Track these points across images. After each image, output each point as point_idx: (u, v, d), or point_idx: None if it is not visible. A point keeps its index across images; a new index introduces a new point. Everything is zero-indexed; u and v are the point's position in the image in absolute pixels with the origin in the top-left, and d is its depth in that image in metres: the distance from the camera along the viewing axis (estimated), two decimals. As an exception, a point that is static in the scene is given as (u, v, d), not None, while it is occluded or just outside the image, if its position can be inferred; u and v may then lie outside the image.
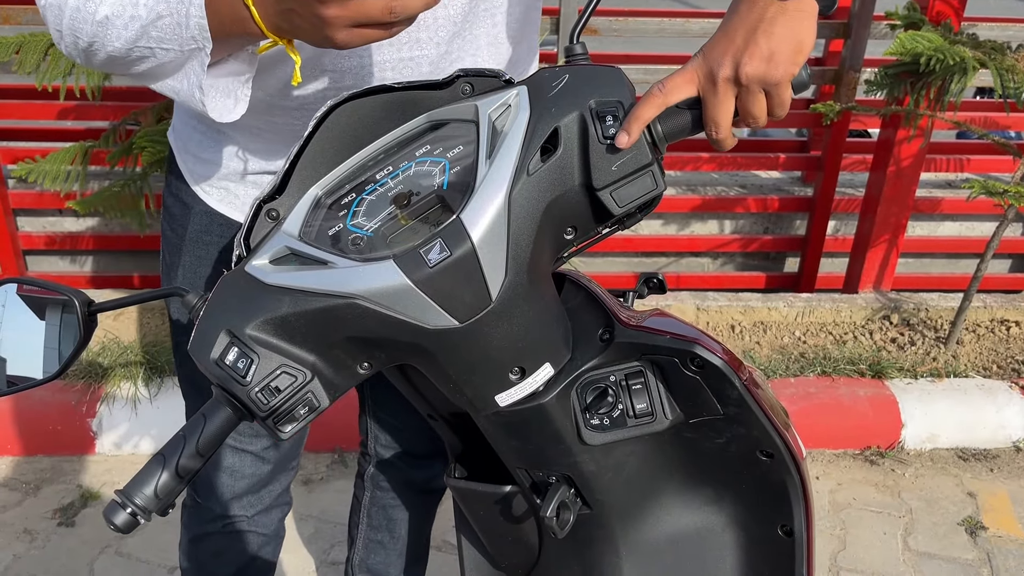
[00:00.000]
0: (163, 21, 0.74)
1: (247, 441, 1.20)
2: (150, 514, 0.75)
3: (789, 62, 0.70)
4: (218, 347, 0.75)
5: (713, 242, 3.07)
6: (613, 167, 0.77)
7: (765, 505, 0.96)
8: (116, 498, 0.74)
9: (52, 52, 1.85)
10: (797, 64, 0.71)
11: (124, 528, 0.73)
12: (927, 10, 2.35)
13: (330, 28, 0.68)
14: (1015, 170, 2.35)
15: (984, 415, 2.28)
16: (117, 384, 2.17)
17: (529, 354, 0.81)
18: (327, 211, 0.80)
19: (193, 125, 1.03)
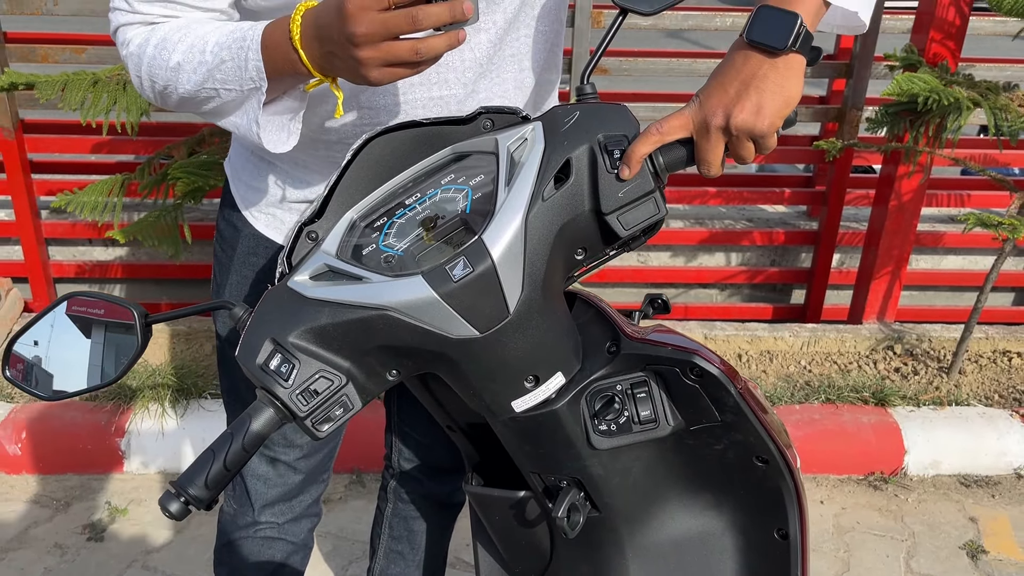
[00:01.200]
0: (226, 65, 0.84)
1: (281, 451, 1.28)
2: (200, 503, 0.82)
3: (776, 115, 0.79)
4: (263, 353, 0.84)
5: (721, 274, 3.15)
6: (619, 194, 0.85)
7: (762, 510, 1.03)
8: (170, 488, 0.81)
9: (95, 90, 1.96)
10: (783, 116, 0.80)
11: (178, 515, 0.81)
12: (924, 52, 2.45)
13: (365, 68, 0.78)
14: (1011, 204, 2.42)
15: (985, 442, 2.34)
16: (145, 406, 2.26)
17: (543, 363, 0.89)
18: (361, 233, 0.89)
19: (246, 156, 1.13)
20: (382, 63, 0.78)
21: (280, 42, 0.83)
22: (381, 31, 0.75)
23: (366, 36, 0.75)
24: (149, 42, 0.92)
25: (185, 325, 2.65)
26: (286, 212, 1.13)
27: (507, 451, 1.00)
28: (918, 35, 2.52)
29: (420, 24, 0.75)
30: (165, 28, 0.92)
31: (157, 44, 0.91)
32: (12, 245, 3.04)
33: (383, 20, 0.74)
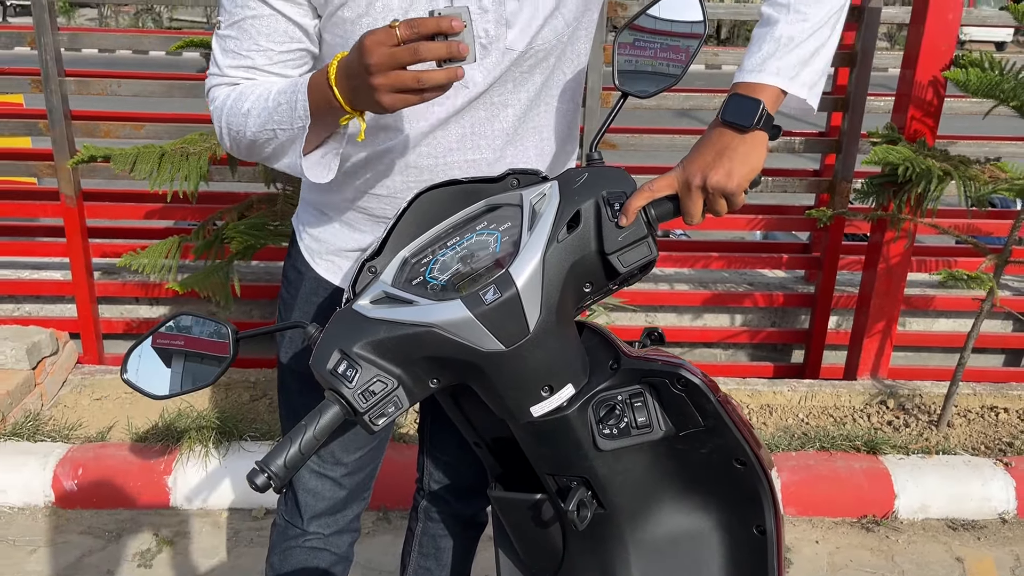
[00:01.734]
0: (282, 108, 1.08)
1: (329, 468, 1.48)
2: (279, 480, 1.02)
3: (743, 179, 1.02)
4: (332, 360, 1.05)
5: (724, 333, 3.35)
6: (619, 238, 1.07)
7: (742, 508, 1.21)
8: (256, 466, 1.02)
9: (161, 161, 2.22)
10: (749, 180, 1.03)
11: (262, 488, 1.00)
12: (904, 129, 2.70)
13: (378, 93, 0.97)
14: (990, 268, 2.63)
15: (971, 488, 2.49)
16: (191, 446, 2.46)
17: (556, 376, 1.09)
18: (412, 267, 1.11)
19: (312, 213, 1.36)
20: (391, 89, 0.97)
21: (320, 84, 1.04)
22: (390, 61, 0.95)
23: (378, 66, 0.95)
24: (230, 97, 1.15)
25: (225, 377, 2.86)
26: (342, 259, 1.36)
27: (526, 454, 1.20)
28: (898, 114, 2.77)
29: (421, 56, 0.94)
30: (243, 86, 1.16)
31: (235, 98, 1.15)
32: (66, 303, 3.29)
33: (391, 53, 0.95)
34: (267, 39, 1.13)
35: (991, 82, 2.31)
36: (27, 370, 2.66)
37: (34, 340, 2.69)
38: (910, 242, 2.85)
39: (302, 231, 1.39)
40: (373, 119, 1.18)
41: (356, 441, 1.46)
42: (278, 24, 1.13)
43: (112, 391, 2.84)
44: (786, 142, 3.05)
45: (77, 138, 2.92)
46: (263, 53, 1.13)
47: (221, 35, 1.17)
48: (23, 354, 2.64)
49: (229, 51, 1.16)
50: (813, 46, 1.06)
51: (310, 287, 1.38)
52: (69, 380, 2.87)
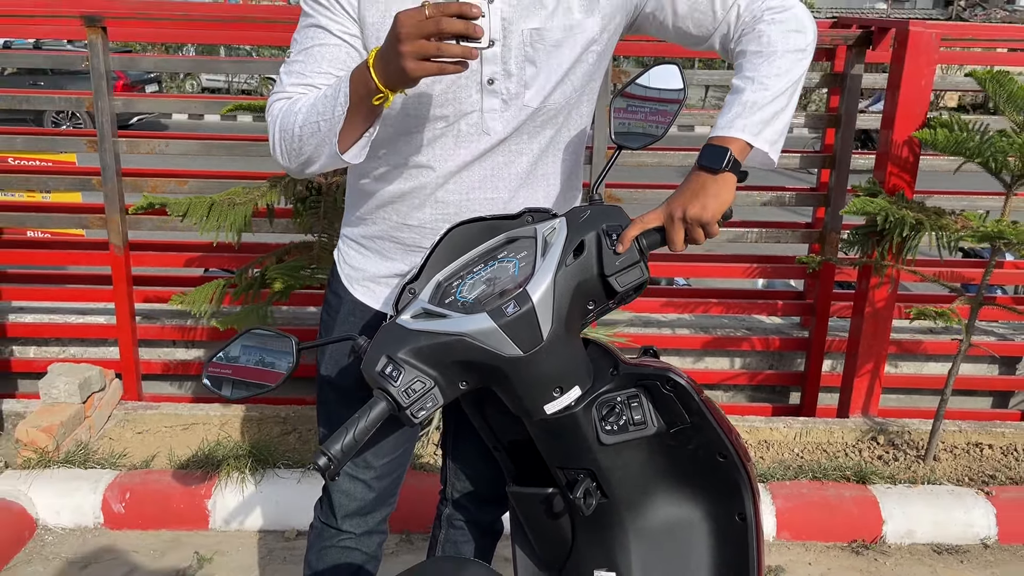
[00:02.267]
0: (326, 99, 1.27)
1: (360, 472, 1.68)
2: (337, 463, 1.24)
3: (715, 211, 1.26)
4: (380, 364, 1.27)
5: (724, 376, 3.55)
6: (616, 263, 1.31)
7: (726, 498, 1.42)
8: (320, 450, 1.23)
9: (211, 210, 2.48)
10: (720, 211, 1.27)
11: (324, 468, 1.22)
12: (885, 184, 2.94)
13: (404, 59, 1.15)
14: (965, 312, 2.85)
15: (955, 515, 2.67)
16: (228, 473, 2.67)
17: (565, 378, 1.31)
18: (445, 288, 1.34)
19: (352, 245, 1.59)
20: (416, 55, 1.15)
21: (360, 70, 1.24)
22: (416, 31, 1.14)
23: (407, 34, 1.14)
24: (285, 105, 1.36)
25: (257, 411, 3.08)
26: (377, 285, 1.59)
27: (539, 449, 1.41)
28: (879, 171, 3.02)
29: (442, 28, 1.11)
30: (298, 97, 1.36)
31: (290, 104, 1.35)
32: (109, 346, 3.53)
33: (419, 23, 1.14)
34: (329, 64, 1.37)
35: (957, 141, 2.55)
36: (78, 404, 2.88)
37: (85, 376, 2.92)
38: (894, 288, 3.08)
39: (342, 261, 1.62)
40: (408, 159, 1.42)
41: (385, 448, 1.67)
42: (340, 52, 1.37)
43: (153, 426, 3.05)
44: (778, 197, 3.30)
45: (126, 193, 3.20)
46: (324, 75, 1.36)
47: (290, 61, 1.40)
48: (75, 389, 2.86)
49: (294, 72, 1.38)
50: (773, 110, 1.31)
51: (348, 309, 1.61)
52: (114, 415, 3.09)
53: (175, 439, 2.97)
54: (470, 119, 1.40)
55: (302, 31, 1.40)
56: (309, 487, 2.64)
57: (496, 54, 1.37)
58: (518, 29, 1.37)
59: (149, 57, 4.86)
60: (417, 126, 1.40)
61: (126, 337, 3.35)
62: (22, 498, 2.60)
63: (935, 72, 2.87)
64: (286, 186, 2.60)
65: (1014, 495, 2.76)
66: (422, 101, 1.38)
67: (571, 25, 1.39)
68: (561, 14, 1.38)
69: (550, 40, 1.38)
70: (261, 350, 1.41)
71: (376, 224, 1.53)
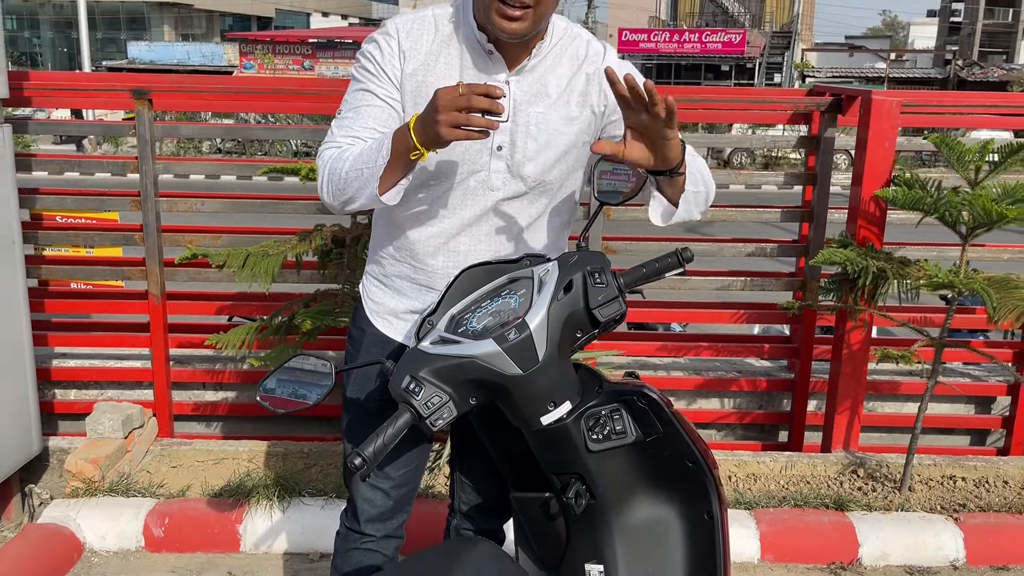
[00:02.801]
0: (370, 151, 1.57)
1: (380, 481, 1.94)
2: (369, 463, 1.50)
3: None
4: (404, 382, 1.55)
5: (716, 415, 3.80)
6: (599, 297, 1.59)
7: (695, 498, 1.67)
8: (356, 451, 1.50)
9: (248, 260, 2.78)
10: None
11: (358, 467, 1.48)
12: (855, 236, 3.23)
13: (439, 126, 1.45)
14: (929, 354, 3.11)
15: (926, 539, 2.89)
16: (258, 500, 2.92)
17: (558, 394, 1.59)
18: (458, 320, 1.63)
19: (375, 283, 1.88)
20: (449, 124, 1.46)
21: (401, 131, 1.54)
22: (451, 104, 1.45)
23: (443, 106, 1.45)
24: (335, 152, 1.66)
25: (282, 447, 3.34)
26: (395, 319, 1.87)
27: (536, 456, 1.67)
28: (851, 224, 3.31)
29: (471, 104, 1.40)
30: (347, 147, 1.65)
31: (340, 151, 1.65)
32: (144, 388, 3.80)
33: (454, 98, 1.45)
34: (374, 121, 1.68)
35: (914, 198, 2.85)
36: (121, 439, 3.15)
37: (127, 414, 3.19)
38: (867, 331, 3.34)
39: (366, 297, 1.91)
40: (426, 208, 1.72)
41: (401, 462, 1.93)
42: (383, 113, 1.68)
43: (186, 460, 3.31)
44: (761, 248, 3.59)
45: (164, 246, 3.51)
46: (369, 130, 1.67)
47: (341, 116, 1.72)
48: (119, 425, 3.14)
49: (345, 127, 1.70)
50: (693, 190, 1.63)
51: (370, 341, 1.89)
52: (151, 450, 3.35)
53: (207, 472, 3.23)
54: (479, 176, 1.71)
55: (352, 93, 1.72)
56: (331, 513, 2.89)
57: (506, 127, 1.69)
58: (525, 110, 1.70)
59: (189, 125, 5.25)
60: (436, 178, 1.71)
61: (161, 380, 3.63)
62: (71, 523, 2.86)
63: (897, 135, 3.17)
64: (313, 239, 2.91)
65: (980, 521, 2.98)
66: (442, 157, 1.69)
67: (569, 116, 1.72)
68: (561, 105, 1.71)
69: (551, 124, 1.71)
70: (304, 372, 1.69)
71: (396, 265, 1.82)
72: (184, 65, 34.62)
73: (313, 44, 31.23)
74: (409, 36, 1.70)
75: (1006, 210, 2.57)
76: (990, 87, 30.48)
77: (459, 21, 1.71)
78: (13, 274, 2.90)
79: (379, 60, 1.69)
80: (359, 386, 1.91)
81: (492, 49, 1.67)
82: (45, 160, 3.76)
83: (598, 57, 1.77)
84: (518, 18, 1.59)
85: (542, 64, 1.72)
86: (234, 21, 50.78)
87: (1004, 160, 2.73)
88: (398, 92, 1.69)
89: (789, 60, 34.00)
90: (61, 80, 3.60)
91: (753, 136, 6.26)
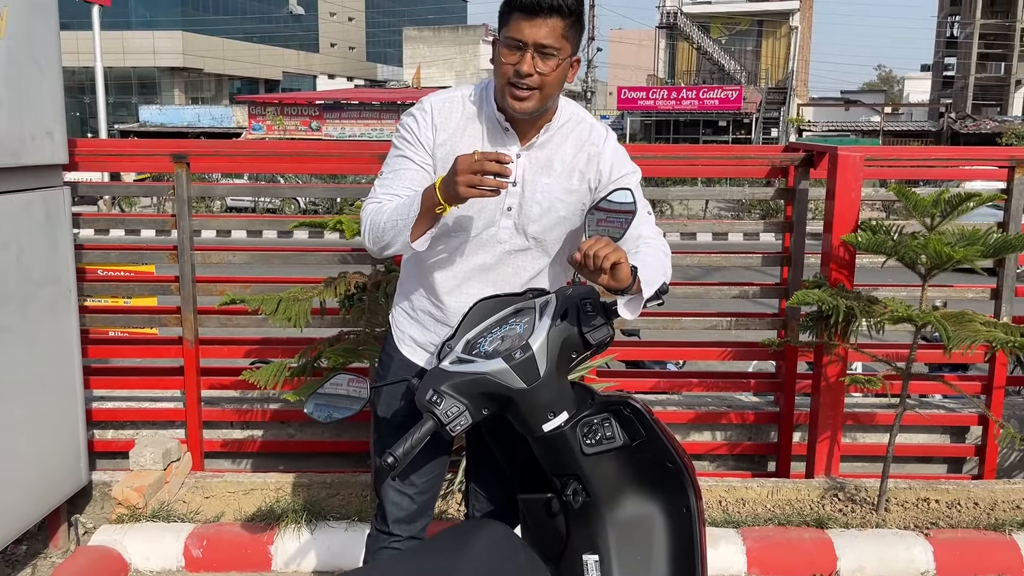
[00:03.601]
0: (404, 206, 1.92)
1: (406, 487, 2.23)
2: (399, 462, 1.81)
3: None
4: (428, 394, 1.86)
5: (708, 447, 4.08)
6: (591, 323, 1.91)
7: (675, 495, 1.97)
8: (388, 451, 1.81)
9: (280, 304, 3.11)
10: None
11: (391, 465, 1.79)
12: (828, 278, 3.56)
13: (459, 187, 1.81)
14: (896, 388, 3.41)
15: (898, 552, 3.15)
16: (287, 524, 3.20)
17: (557, 405, 1.90)
18: (472, 344, 1.95)
19: (402, 314, 2.21)
20: (466, 184, 1.81)
21: (429, 190, 1.89)
22: (468, 168, 1.79)
23: (462, 169, 1.79)
24: (376, 207, 2.01)
25: (306, 479, 3.63)
26: (420, 348, 2.20)
27: (539, 459, 1.97)
28: (824, 267, 3.64)
29: (485, 168, 1.75)
30: (386, 203, 2.00)
31: (379, 207, 1.99)
32: (176, 428, 4.10)
33: (470, 163, 1.80)
34: (410, 181, 2.03)
35: (877, 242, 3.18)
36: (160, 470, 3.45)
37: (167, 447, 3.49)
38: (843, 365, 3.64)
39: (395, 326, 2.24)
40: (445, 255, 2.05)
41: (424, 471, 2.23)
42: (417, 175, 2.03)
43: (218, 492, 3.60)
44: (744, 291, 3.92)
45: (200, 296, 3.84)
46: (405, 189, 2.02)
47: (383, 177, 2.07)
48: (159, 457, 3.44)
49: (385, 185, 2.05)
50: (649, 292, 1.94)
51: (397, 365, 2.21)
52: (185, 482, 3.64)
53: (238, 501, 3.51)
54: (490, 231, 2.05)
55: (393, 159, 2.08)
56: (355, 535, 3.17)
57: (516, 192, 2.04)
58: (532, 180, 2.05)
59: (223, 185, 5.63)
60: (456, 231, 2.05)
61: (194, 419, 3.93)
62: (118, 546, 3.14)
63: (861, 185, 3.52)
64: (338, 285, 3.24)
65: (949, 536, 3.25)
66: (462, 213, 2.02)
67: (569, 189, 2.07)
68: (564, 179, 2.07)
69: (553, 194, 2.06)
70: (343, 387, 2.01)
71: (421, 301, 2.16)
72: (194, 127, 35.55)
73: (320, 106, 32.11)
74: (441, 112, 2.06)
75: (955, 252, 2.90)
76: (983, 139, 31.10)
77: (481, 102, 2.07)
78: (69, 321, 3.23)
79: (416, 131, 2.05)
80: (388, 405, 2.22)
81: (508, 126, 2.03)
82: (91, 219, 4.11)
83: (600, 140, 2.11)
84: (526, 98, 1.95)
85: (550, 142, 2.08)
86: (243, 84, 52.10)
87: (954, 209, 3.07)
88: (431, 158, 2.04)
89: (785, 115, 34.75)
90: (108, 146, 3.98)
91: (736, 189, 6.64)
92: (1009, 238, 3.05)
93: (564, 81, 2.01)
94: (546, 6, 1.89)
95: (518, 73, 1.93)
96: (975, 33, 45.09)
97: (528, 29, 1.91)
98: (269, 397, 4.12)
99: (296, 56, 55.88)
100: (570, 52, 1.98)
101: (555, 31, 1.92)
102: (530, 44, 1.92)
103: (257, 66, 52.13)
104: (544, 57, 1.93)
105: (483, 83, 2.10)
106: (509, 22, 1.94)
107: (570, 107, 2.13)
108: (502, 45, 1.96)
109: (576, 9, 1.94)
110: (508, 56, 1.94)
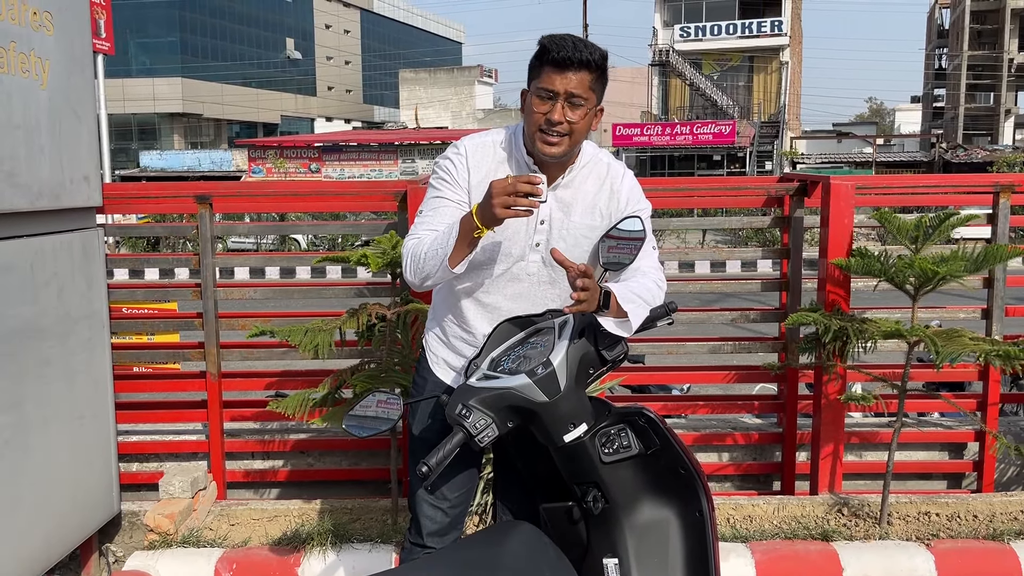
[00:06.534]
0: (443, 236, 2.09)
1: (439, 501, 2.38)
2: (432, 470, 1.96)
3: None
4: (457, 409, 2.02)
5: (715, 467, 4.22)
6: (606, 342, 2.08)
7: (688, 500, 2.12)
8: (423, 461, 1.96)
9: (307, 333, 3.26)
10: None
11: (425, 475, 1.94)
12: (824, 301, 3.73)
13: (495, 208, 1.98)
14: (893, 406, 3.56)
15: (900, 562, 3.28)
16: (313, 546, 3.33)
17: (576, 417, 2.06)
18: (497, 361, 2.11)
19: (434, 337, 2.38)
20: (501, 205, 1.97)
21: (466, 217, 2.05)
22: (502, 190, 1.96)
23: (496, 192, 1.96)
24: (415, 242, 2.17)
25: (328, 504, 3.76)
26: (450, 368, 2.36)
27: (560, 469, 2.13)
28: (820, 291, 3.82)
29: (519, 189, 1.95)
30: (426, 236, 2.16)
31: (418, 241, 2.16)
32: (199, 459, 4.23)
33: (504, 186, 1.96)
34: (448, 217, 2.19)
35: (868, 266, 3.36)
36: (188, 498, 3.58)
37: (194, 476, 3.63)
38: (842, 384, 3.80)
39: (428, 350, 2.40)
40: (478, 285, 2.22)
41: (455, 485, 2.38)
42: (455, 211, 2.19)
43: (243, 519, 3.72)
44: (745, 315, 4.08)
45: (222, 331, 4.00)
46: (444, 224, 2.18)
47: (423, 215, 2.24)
48: (188, 486, 3.57)
49: (425, 222, 2.22)
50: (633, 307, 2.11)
51: (430, 386, 2.37)
52: (211, 510, 3.77)
53: (264, 527, 3.64)
54: (520, 264, 2.23)
55: (432, 199, 2.26)
56: (379, 556, 3.30)
57: (545, 229, 2.20)
58: (559, 219, 2.23)
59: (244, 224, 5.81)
60: (488, 263, 2.21)
61: (216, 451, 4.07)
62: (151, 570, 3.27)
63: (854, 212, 3.71)
64: (360, 316, 3.40)
65: (949, 545, 3.38)
66: (495, 248, 2.20)
67: (592, 226, 2.25)
68: (587, 217, 2.26)
69: (577, 232, 2.24)
70: (379, 403, 2.17)
71: (452, 327, 2.33)
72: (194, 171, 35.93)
73: (319, 148, 32.52)
74: (475, 155, 2.24)
75: (939, 268, 3.08)
76: (975, 167, 31.49)
77: (511, 146, 2.25)
78: (103, 356, 3.39)
79: (452, 172, 2.23)
80: (420, 423, 2.37)
81: (536, 169, 2.20)
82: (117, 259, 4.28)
83: (618, 178, 2.30)
84: (556, 143, 2.14)
85: (573, 182, 2.26)
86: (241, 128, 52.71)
87: (935, 231, 3.25)
88: (467, 196, 2.22)
89: (779, 148, 35.18)
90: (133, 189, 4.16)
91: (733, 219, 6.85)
92: (988, 250, 3.23)
93: (590, 128, 2.20)
94: (576, 61, 2.08)
95: (549, 121, 2.11)
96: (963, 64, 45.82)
97: (559, 81, 2.10)
98: (289, 428, 4.27)
99: (294, 99, 56.67)
100: (596, 102, 2.17)
101: (583, 83, 2.11)
102: (561, 95, 2.10)
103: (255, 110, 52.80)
104: (573, 107, 2.11)
105: (511, 129, 2.28)
106: (541, 75, 2.12)
107: (590, 148, 2.31)
108: (533, 95, 2.14)
109: (601, 64, 2.13)
110: (540, 105, 2.12)
